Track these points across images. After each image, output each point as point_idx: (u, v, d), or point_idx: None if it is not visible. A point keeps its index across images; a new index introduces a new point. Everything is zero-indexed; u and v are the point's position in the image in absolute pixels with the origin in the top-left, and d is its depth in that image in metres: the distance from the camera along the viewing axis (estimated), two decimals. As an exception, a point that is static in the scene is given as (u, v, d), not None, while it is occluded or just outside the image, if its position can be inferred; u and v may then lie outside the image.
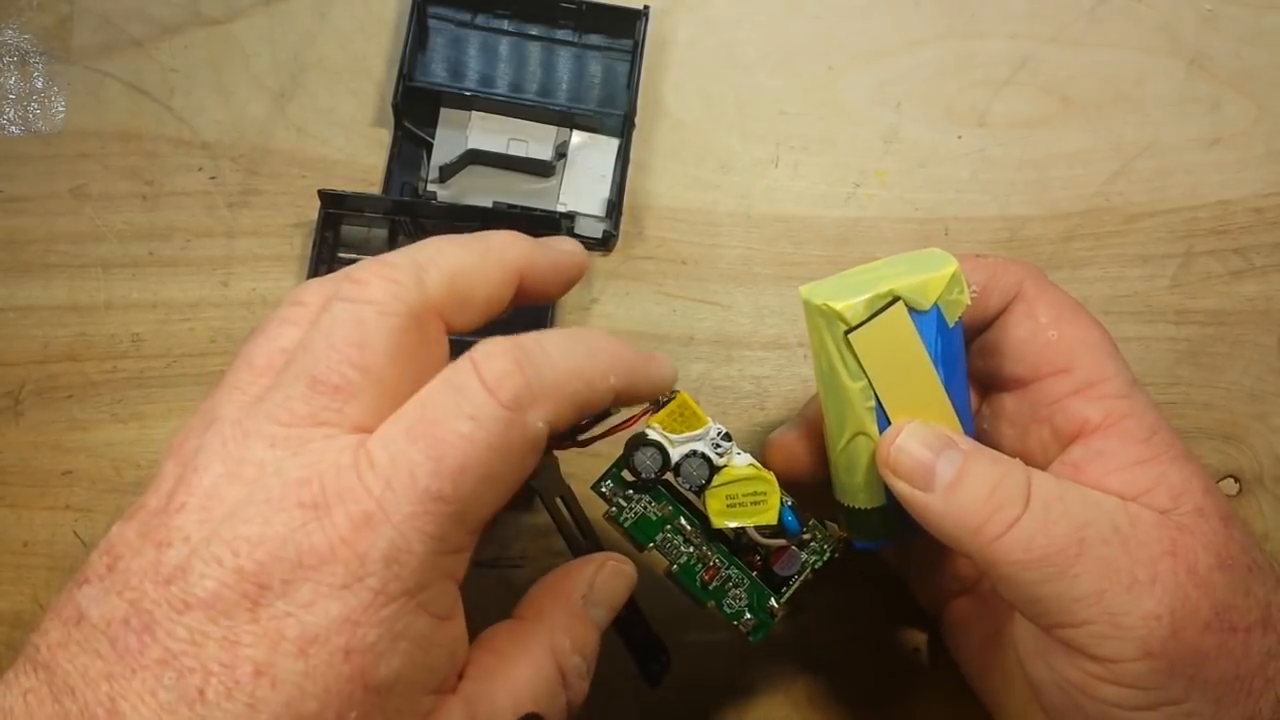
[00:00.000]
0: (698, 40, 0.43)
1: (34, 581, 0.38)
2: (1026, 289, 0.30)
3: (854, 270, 0.30)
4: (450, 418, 0.23)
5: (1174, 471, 0.28)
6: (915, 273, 0.28)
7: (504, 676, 0.26)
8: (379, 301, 0.24)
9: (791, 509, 0.31)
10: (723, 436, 0.30)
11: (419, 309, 0.25)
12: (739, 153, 0.42)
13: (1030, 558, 0.26)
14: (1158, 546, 0.26)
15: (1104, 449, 0.28)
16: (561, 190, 0.41)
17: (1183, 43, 0.44)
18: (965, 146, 0.43)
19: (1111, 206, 0.42)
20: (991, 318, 0.31)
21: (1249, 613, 0.27)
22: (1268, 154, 0.43)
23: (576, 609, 0.28)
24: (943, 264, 0.28)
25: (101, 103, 0.42)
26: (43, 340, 0.40)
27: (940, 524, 0.28)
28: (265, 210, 0.41)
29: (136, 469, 0.39)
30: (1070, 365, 0.29)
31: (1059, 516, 0.26)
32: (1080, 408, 0.29)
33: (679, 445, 0.30)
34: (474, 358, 0.24)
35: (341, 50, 0.43)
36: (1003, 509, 0.26)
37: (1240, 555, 0.27)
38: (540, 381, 0.24)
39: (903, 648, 0.38)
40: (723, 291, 0.41)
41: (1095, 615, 0.26)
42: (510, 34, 0.42)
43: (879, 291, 0.28)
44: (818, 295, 0.28)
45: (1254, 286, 0.42)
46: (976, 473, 0.27)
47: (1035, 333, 0.30)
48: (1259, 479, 0.40)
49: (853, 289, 0.28)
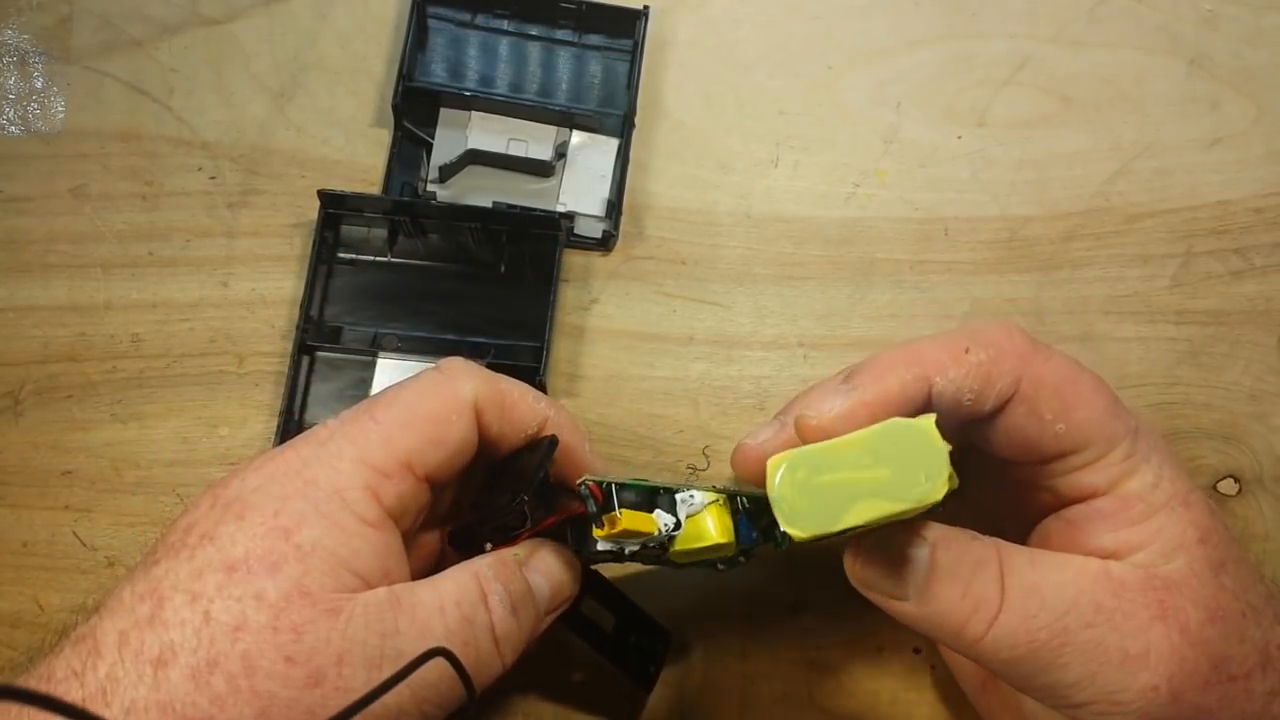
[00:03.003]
0: (698, 40, 0.43)
1: (34, 581, 0.38)
2: (1024, 388, 0.28)
3: (830, 452, 0.25)
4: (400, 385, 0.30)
5: (1170, 524, 0.27)
6: (899, 486, 0.25)
7: (430, 582, 0.28)
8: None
9: (746, 514, 0.30)
10: (674, 527, 0.29)
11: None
12: (739, 153, 0.42)
13: (1015, 655, 0.26)
14: (1145, 613, 0.26)
15: (1103, 509, 0.28)
16: (561, 190, 0.41)
17: (1183, 43, 0.44)
18: (965, 146, 0.43)
19: (1111, 206, 0.42)
20: (988, 415, 0.29)
21: (1246, 659, 0.27)
22: (1268, 154, 0.43)
23: (507, 558, 0.30)
24: (931, 474, 0.24)
25: (101, 103, 0.42)
26: (43, 340, 0.40)
27: (924, 629, 0.27)
28: (265, 210, 0.41)
29: (136, 469, 0.39)
30: (1078, 448, 0.28)
31: (1037, 609, 0.26)
32: (1087, 479, 0.28)
33: (630, 544, 0.30)
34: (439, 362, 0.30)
35: (341, 50, 0.43)
36: (979, 609, 0.26)
37: (1232, 603, 0.27)
38: (479, 370, 0.30)
39: (903, 648, 0.38)
40: (723, 291, 0.41)
41: (1091, 696, 0.26)
42: (510, 34, 0.42)
43: (849, 525, 0.25)
44: (784, 503, 0.25)
45: (1254, 286, 0.42)
46: (946, 574, 0.26)
47: (1041, 430, 0.28)
48: (1259, 479, 0.40)
49: (823, 501, 0.25)
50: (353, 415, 0.29)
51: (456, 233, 0.40)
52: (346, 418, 0.29)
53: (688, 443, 0.39)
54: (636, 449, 0.39)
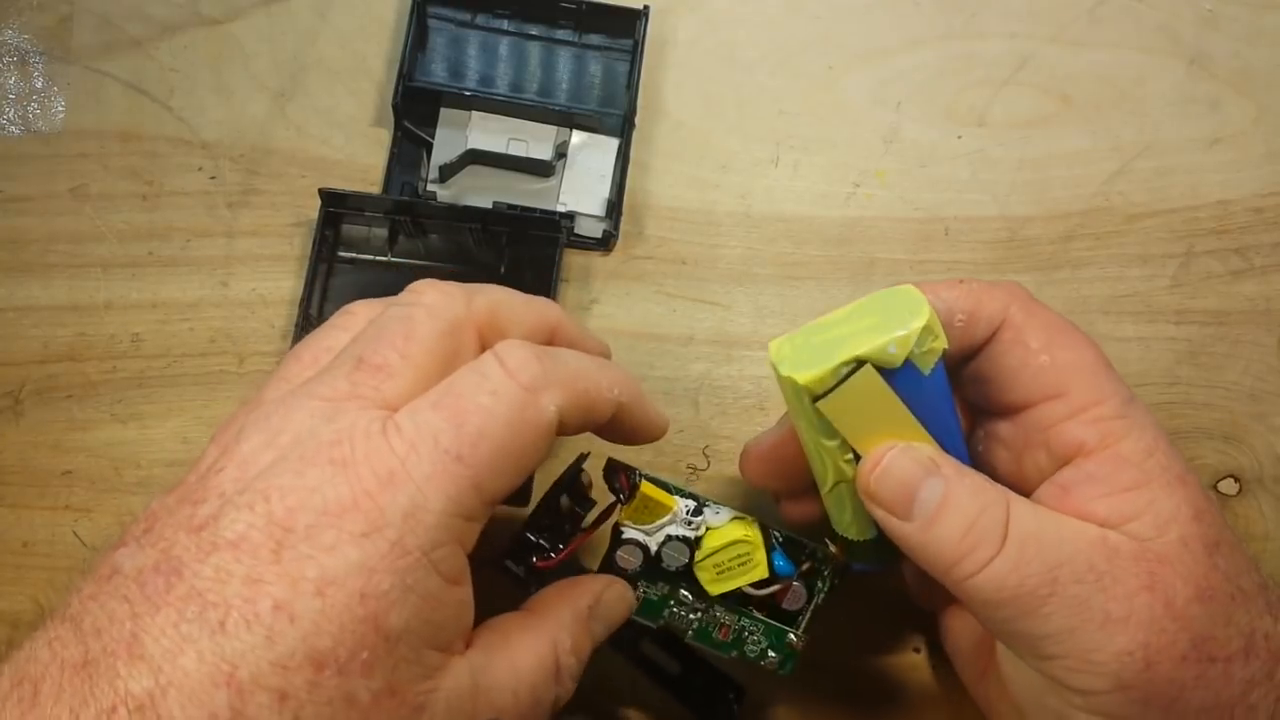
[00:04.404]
0: (698, 40, 0.43)
1: (34, 582, 0.38)
2: (1013, 314, 0.29)
3: (824, 320, 0.28)
4: (472, 393, 0.25)
5: (1164, 498, 0.27)
6: (885, 326, 0.27)
7: (508, 655, 0.27)
8: (428, 306, 0.27)
9: (782, 547, 0.31)
10: (693, 512, 0.31)
11: (463, 319, 0.28)
12: (739, 153, 0.42)
13: (1001, 597, 0.26)
14: (1134, 581, 0.26)
15: (1095, 473, 0.28)
16: (561, 190, 0.41)
17: (1183, 43, 0.44)
18: (965, 146, 0.43)
19: (1111, 206, 0.42)
20: (979, 345, 0.30)
21: (1229, 642, 0.27)
22: (1268, 154, 0.43)
23: (581, 615, 0.30)
24: (914, 312, 0.27)
25: (101, 103, 0.42)
26: (43, 340, 0.40)
27: (916, 554, 0.28)
28: (265, 210, 0.41)
29: (136, 469, 0.39)
30: (1064, 390, 0.29)
31: (1033, 556, 0.26)
32: (1075, 431, 0.29)
33: (654, 534, 0.31)
34: (497, 350, 0.26)
35: (341, 50, 0.43)
36: (977, 549, 0.27)
37: (1222, 584, 0.27)
38: (555, 373, 0.27)
39: (903, 648, 0.38)
40: (723, 291, 0.41)
41: (1066, 651, 0.26)
42: (510, 34, 0.42)
43: (843, 359, 0.26)
44: (784, 361, 0.27)
45: (1254, 286, 0.42)
46: (955, 507, 0.27)
47: (1026, 360, 0.29)
48: (1259, 479, 0.40)
49: (819, 351, 0.27)
50: (431, 449, 0.24)
51: (457, 233, 0.40)
52: (422, 449, 0.24)
53: (688, 443, 0.39)
54: (636, 449, 0.39)
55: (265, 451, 0.25)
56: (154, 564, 0.23)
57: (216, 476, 0.25)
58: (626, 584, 0.31)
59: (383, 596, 0.23)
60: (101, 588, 0.24)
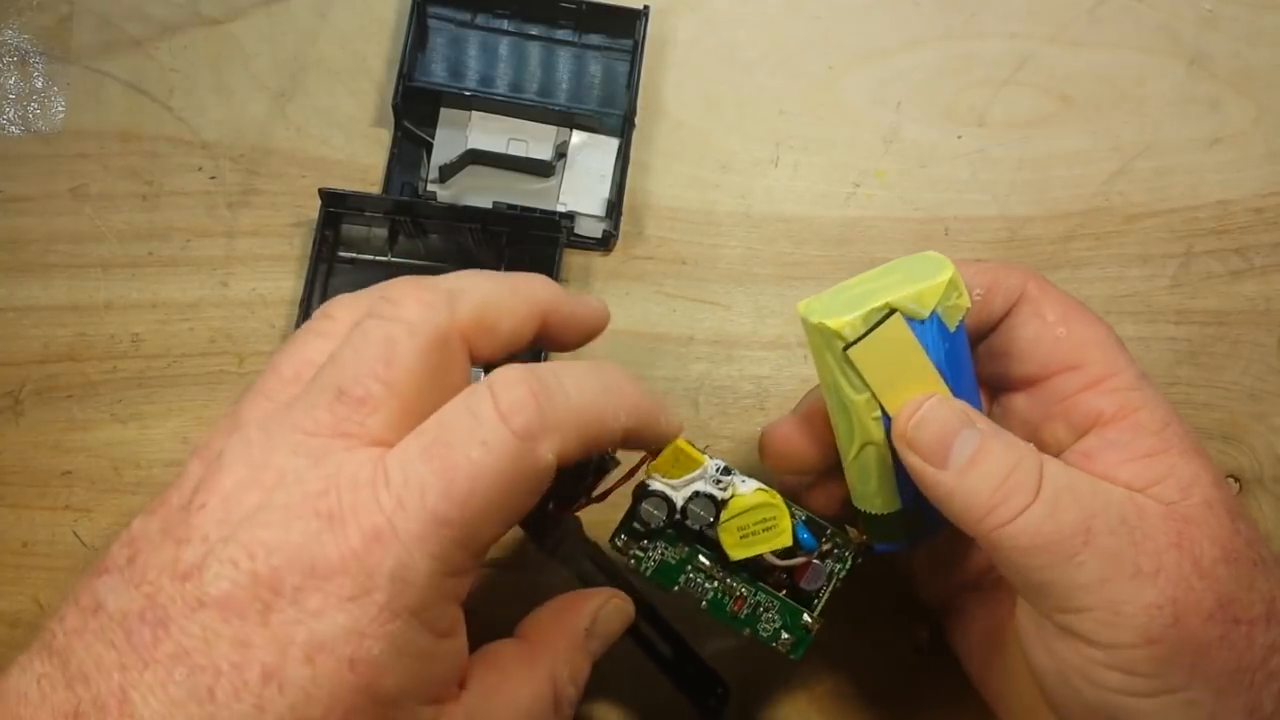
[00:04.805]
0: (698, 40, 0.43)
1: (34, 581, 0.38)
2: (1030, 290, 0.30)
3: (850, 282, 0.29)
4: (463, 442, 0.24)
5: (1184, 464, 0.28)
6: (911, 281, 0.28)
7: (505, 695, 0.27)
8: (409, 322, 0.25)
9: (805, 524, 0.31)
10: (722, 471, 0.30)
11: (447, 331, 0.26)
12: (739, 153, 0.42)
13: (1036, 544, 0.26)
14: (1163, 538, 0.26)
15: (1116, 440, 0.29)
16: (561, 190, 0.41)
17: (1183, 43, 0.44)
18: (965, 146, 0.43)
19: (1111, 206, 0.42)
20: (997, 320, 0.31)
21: (1252, 606, 0.27)
22: (1268, 154, 0.43)
23: (578, 640, 0.29)
24: (939, 269, 0.28)
25: (101, 103, 0.42)
26: (43, 340, 0.40)
27: (949, 502, 0.28)
28: (265, 210, 0.41)
29: (136, 469, 0.39)
30: (1081, 361, 0.30)
31: (1068, 505, 0.26)
32: (1093, 401, 0.29)
33: (681, 489, 0.30)
34: (492, 384, 0.25)
35: (341, 50, 0.43)
36: (1013, 496, 0.27)
37: (1245, 550, 0.27)
38: (553, 413, 0.25)
39: (903, 647, 0.38)
40: (723, 291, 0.41)
41: (1097, 602, 0.26)
42: (510, 34, 0.42)
43: (874, 305, 0.27)
44: (814, 313, 0.28)
45: (1254, 286, 0.42)
46: (992, 456, 0.27)
47: (1043, 331, 0.30)
48: (1259, 479, 0.40)
49: (848, 303, 0.28)
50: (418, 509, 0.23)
51: (457, 233, 0.40)
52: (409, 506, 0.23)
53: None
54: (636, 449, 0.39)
55: (249, 491, 0.24)
56: (139, 610, 0.23)
57: (200, 515, 0.24)
58: (625, 597, 0.31)
59: (374, 662, 0.23)
60: (86, 623, 0.23)
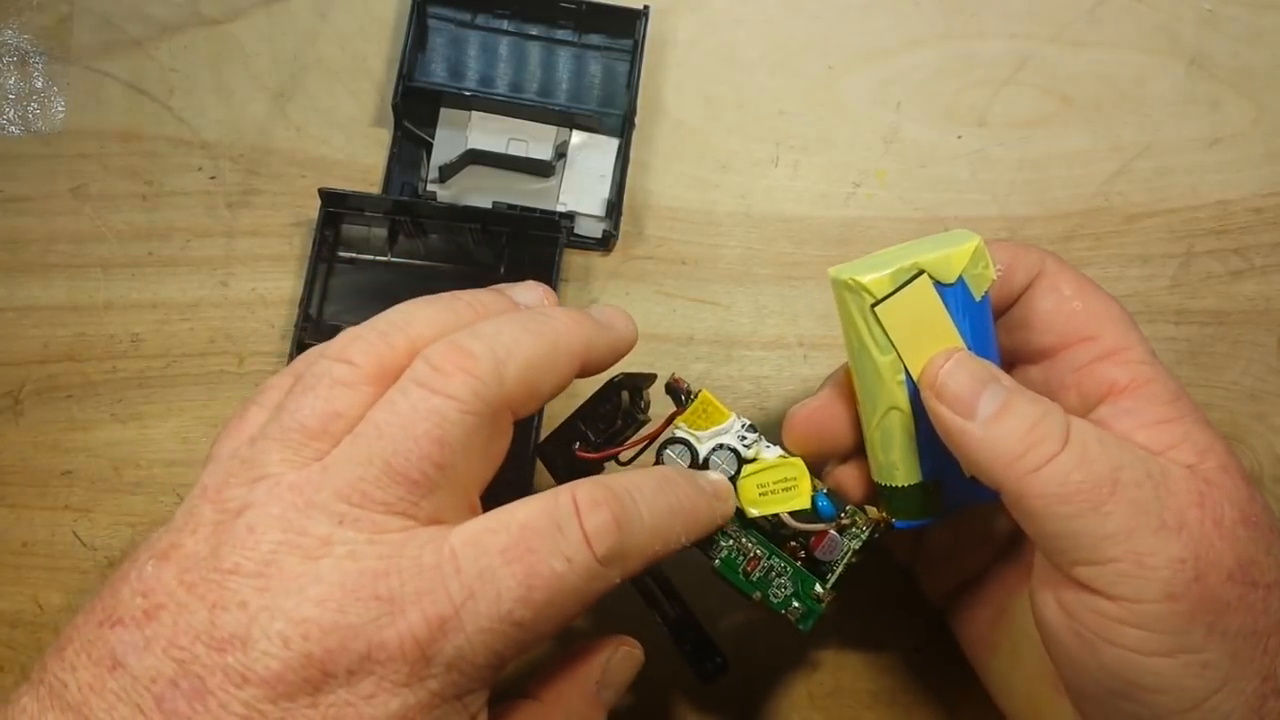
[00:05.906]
0: (698, 40, 0.43)
1: (34, 581, 0.38)
2: (1049, 266, 0.31)
3: (881, 252, 0.31)
4: (548, 552, 0.24)
5: (1198, 431, 0.28)
6: (940, 249, 0.29)
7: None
8: (461, 399, 0.25)
9: (825, 494, 0.31)
10: (748, 429, 0.31)
11: (497, 407, 0.26)
12: (739, 153, 0.42)
13: (1065, 491, 0.26)
14: (1186, 497, 0.27)
15: (1131, 408, 0.29)
16: (561, 190, 0.41)
17: (1183, 43, 0.44)
18: (965, 146, 0.43)
19: (1111, 206, 0.42)
20: (1017, 294, 0.32)
21: (1269, 571, 0.27)
22: (1267, 154, 0.43)
23: (590, 695, 0.29)
24: (967, 240, 0.29)
25: (101, 103, 0.42)
26: (43, 340, 0.40)
27: (977, 452, 0.28)
28: (265, 210, 0.41)
29: (136, 469, 0.39)
30: (1096, 333, 0.30)
31: (1097, 455, 0.27)
32: (1107, 371, 0.30)
33: (706, 441, 0.31)
34: (578, 501, 0.25)
35: (341, 50, 0.43)
36: (1042, 444, 0.27)
37: (1263, 515, 0.28)
38: (632, 542, 0.26)
39: (903, 647, 0.38)
40: (723, 291, 0.41)
41: (1121, 553, 0.26)
42: (510, 34, 0.42)
43: (903, 265, 0.28)
44: (845, 272, 0.29)
45: (1254, 286, 0.42)
46: (1019, 408, 0.28)
47: (1060, 304, 0.31)
48: (1259, 479, 0.40)
49: (878, 265, 0.29)
50: (493, 606, 0.23)
51: (456, 233, 0.40)
52: (482, 601, 0.23)
53: (688, 443, 0.39)
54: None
55: (288, 557, 0.23)
56: (171, 677, 0.22)
57: (233, 577, 0.23)
58: (635, 642, 0.30)
59: None
60: (105, 681, 0.22)
